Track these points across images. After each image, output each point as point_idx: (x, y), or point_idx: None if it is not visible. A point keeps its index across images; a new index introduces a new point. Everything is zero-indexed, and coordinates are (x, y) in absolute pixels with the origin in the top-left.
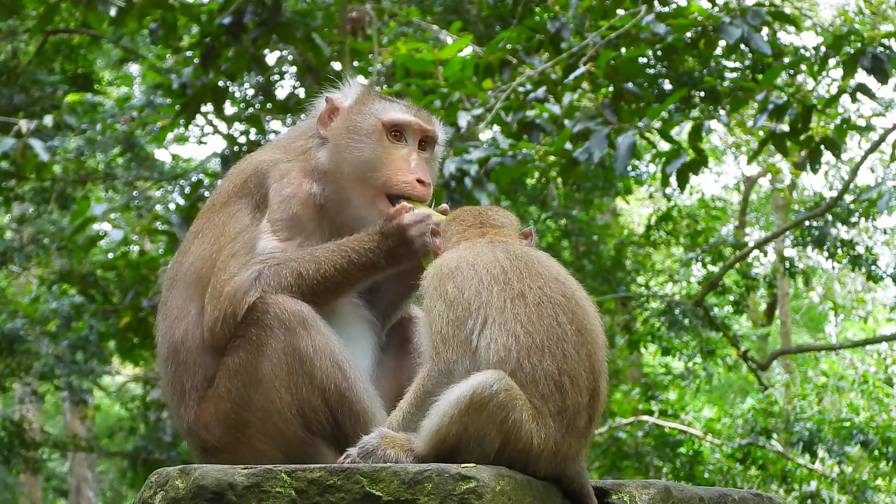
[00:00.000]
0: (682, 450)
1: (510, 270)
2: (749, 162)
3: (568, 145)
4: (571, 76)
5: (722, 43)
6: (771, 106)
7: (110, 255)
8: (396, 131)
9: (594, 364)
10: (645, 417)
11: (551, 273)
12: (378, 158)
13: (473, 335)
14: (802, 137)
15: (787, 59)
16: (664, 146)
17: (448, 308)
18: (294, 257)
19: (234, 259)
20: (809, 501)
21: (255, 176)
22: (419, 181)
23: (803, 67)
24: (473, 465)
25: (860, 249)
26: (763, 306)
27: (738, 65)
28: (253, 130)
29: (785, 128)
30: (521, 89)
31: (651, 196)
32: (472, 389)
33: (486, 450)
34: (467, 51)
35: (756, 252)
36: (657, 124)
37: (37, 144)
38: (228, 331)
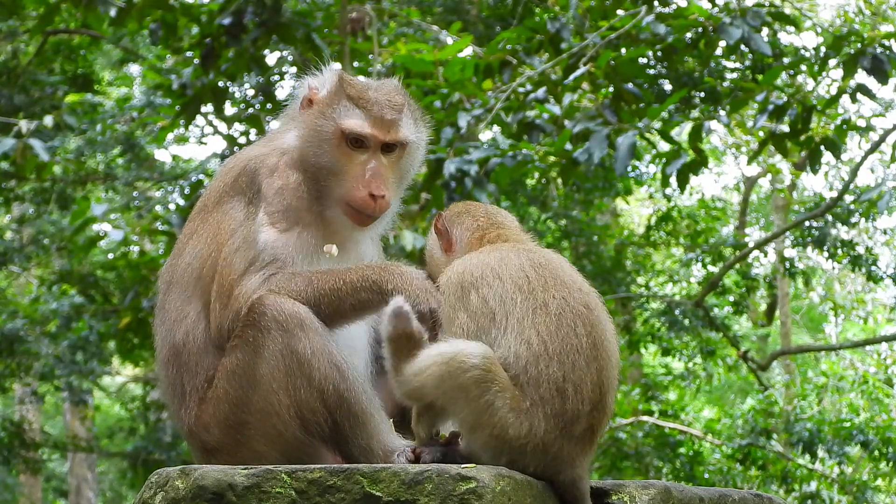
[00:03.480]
0: (682, 450)
1: (535, 280)
2: (749, 162)
3: (568, 146)
4: (571, 76)
5: (722, 43)
6: (771, 106)
7: (110, 256)
8: (356, 139)
9: (603, 379)
10: (645, 418)
11: (575, 283)
12: (336, 166)
13: (494, 343)
14: (802, 138)
15: (787, 60)
16: (664, 147)
17: (470, 319)
18: (311, 270)
19: (238, 255)
20: (809, 502)
21: (244, 173)
22: (372, 196)
23: (803, 68)
24: (473, 465)
25: (860, 250)
26: (763, 307)
27: (738, 65)
28: (253, 131)
29: (785, 128)
30: (521, 90)
31: (651, 196)
32: (455, 352)
33: (457, 418)
34: (467, 51)
35: (756, 252)
36: (657, 125)
37: (37, 145)
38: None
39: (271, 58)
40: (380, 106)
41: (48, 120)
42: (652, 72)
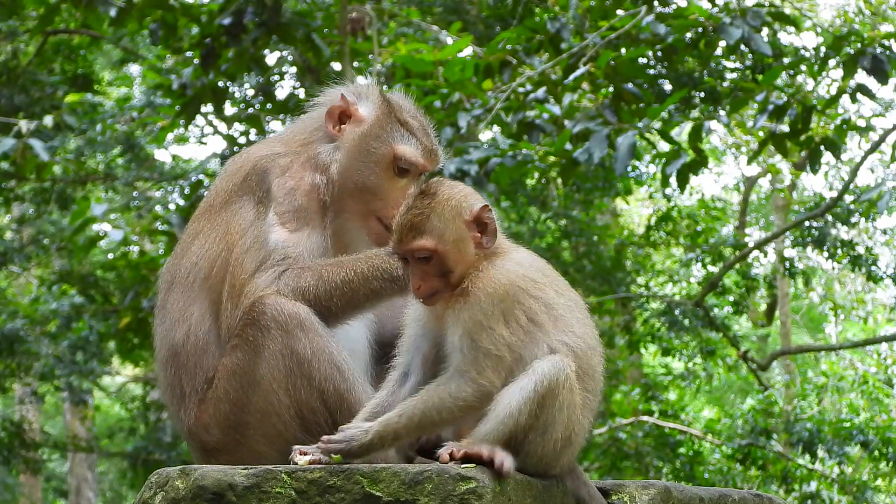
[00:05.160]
0: (682, 450)
1: (554, 278)
2: (749, 162)
3: (568, 146)
4: (571, 77)
5: (722, 43)
6: (771, 106)
7: (110, 256)
8: (404, 166)
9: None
10: (645, 418)
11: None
12: (380, 187)
13: (526, 353)
14: (802, 138)
15: (787, 60)
16: (664, 147)
17: (511, 333)
18: (320, 262)
19: (249, 255)
20: (809, 502)
21: (254, 172)
22: None
23: (803, 68)
24: (473, 465)
25: (860, 250)
26: (763, 307)
27: (738, 65)
28: (253, 131)
29: (785, 128)
30: (521, 90)
31: (651, 196)
32: (544, 376)
33: (550, 437)
34: (467, 51)
35: (756, 252)
36: (657, 125)
37: (37, 145)
38: None
39: (271, 58)
40: (426, 135)
41: (48, 120)
42: (652, 72)
